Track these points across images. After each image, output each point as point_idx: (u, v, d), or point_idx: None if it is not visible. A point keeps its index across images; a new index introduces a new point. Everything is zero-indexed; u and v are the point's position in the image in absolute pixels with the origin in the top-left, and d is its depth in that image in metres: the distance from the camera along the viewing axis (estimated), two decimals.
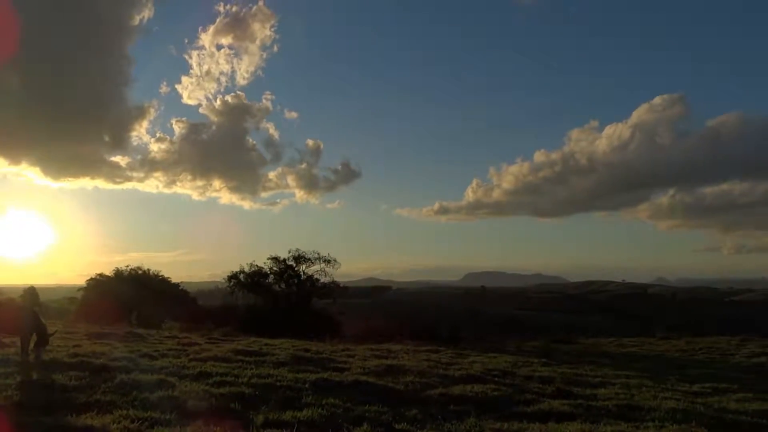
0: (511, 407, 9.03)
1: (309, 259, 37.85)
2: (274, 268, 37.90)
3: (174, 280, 44.67)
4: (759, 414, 9.22)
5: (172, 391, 8.57)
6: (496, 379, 11.79)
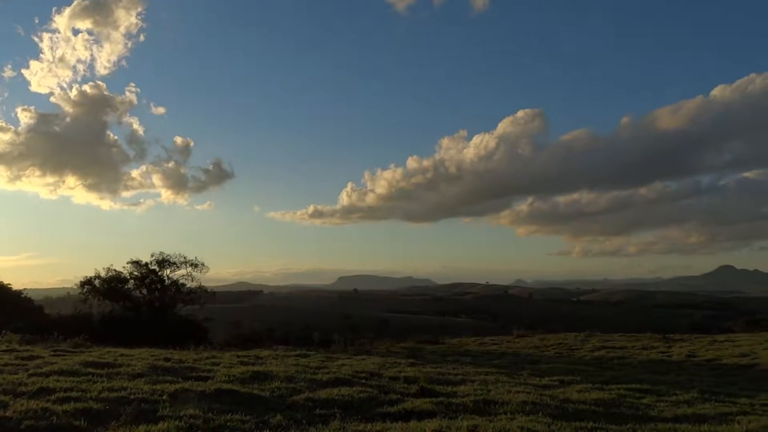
0: (376, 408, 9.16)
1: (174, 263, 35.99)
2: (135, 273, 35.54)
3: (16, 286, 40.42)
4: (597, 402, 10.19)
5: (4, 411, 7.66)
6: (364, 381, 11.91)
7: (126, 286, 35.77)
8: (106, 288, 34.95)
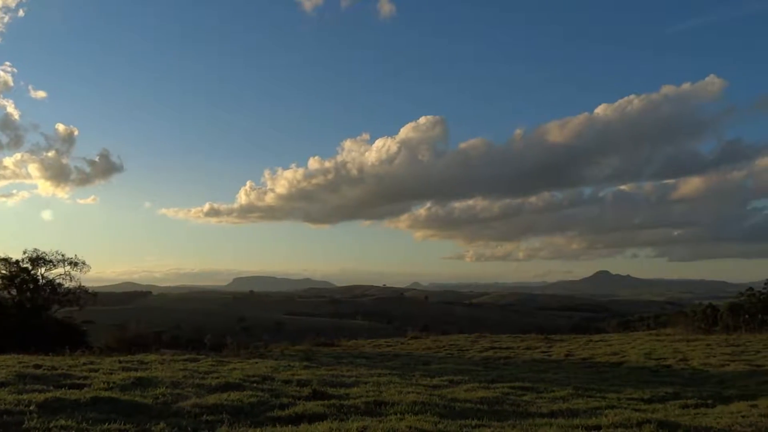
0: (267, 412, 8.99)
1: (50, 261, 33.27)
2: (3, 272, 32.48)
3: None
4: (482, 401, 10.66)
5: None
6: (255, 385, 11.67)
7: None
8: None
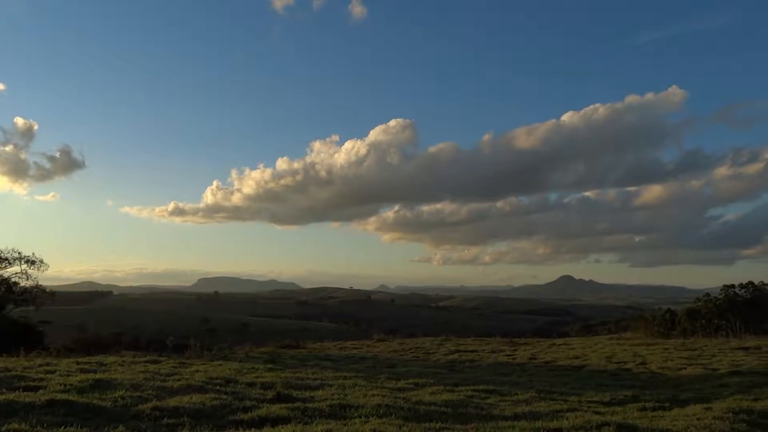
0: (229, 415, 8.87)
1: (6, 258, 32.22)
2: None
3: None
4: (446, 403, 10.70)
5: None
6: (218, 387, 11.49)
7: None
8: None
